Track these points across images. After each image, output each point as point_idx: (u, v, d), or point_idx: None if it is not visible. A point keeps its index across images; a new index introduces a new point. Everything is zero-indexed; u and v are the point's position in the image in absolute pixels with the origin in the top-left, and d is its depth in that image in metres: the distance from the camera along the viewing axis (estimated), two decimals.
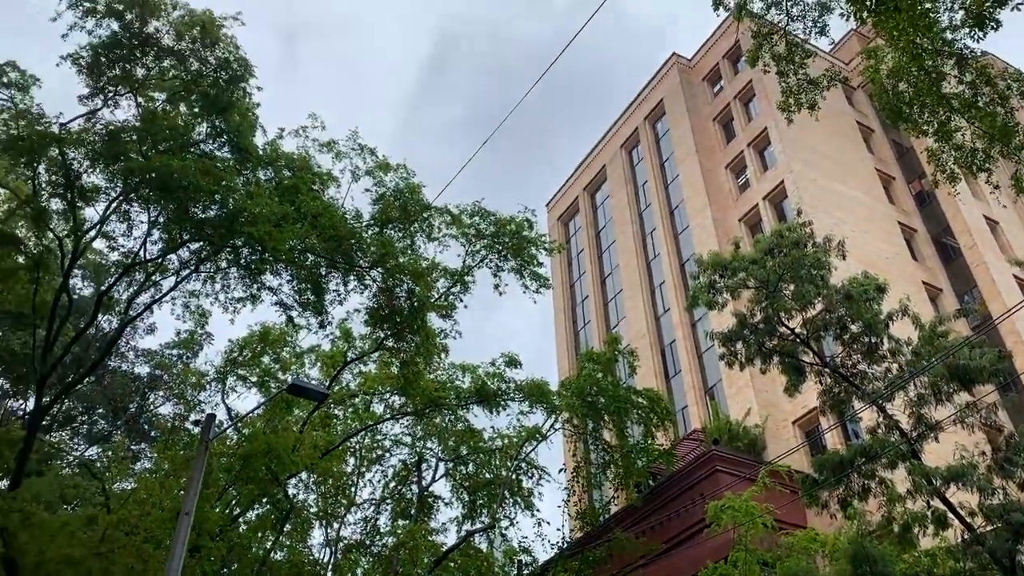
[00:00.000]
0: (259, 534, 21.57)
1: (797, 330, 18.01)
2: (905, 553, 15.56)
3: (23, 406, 25.23)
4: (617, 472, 23.70)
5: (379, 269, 18.66)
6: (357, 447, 24.76)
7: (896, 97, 12.80)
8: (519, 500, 23.45)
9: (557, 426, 24.70)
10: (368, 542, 23.64)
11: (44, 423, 20.04)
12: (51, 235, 18.97)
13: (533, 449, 24.49)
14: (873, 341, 17.47)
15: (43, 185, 17.86)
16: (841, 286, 17.87)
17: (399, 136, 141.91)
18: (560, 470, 25.19)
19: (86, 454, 25.66)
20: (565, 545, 23.05)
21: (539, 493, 24.10)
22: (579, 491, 23.51)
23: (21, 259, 18.88)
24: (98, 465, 23.39)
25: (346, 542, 23.29)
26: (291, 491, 21.47)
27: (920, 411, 16.48)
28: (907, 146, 40.69)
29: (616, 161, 48.17)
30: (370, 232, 19.23)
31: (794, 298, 17.96)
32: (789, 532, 18.30)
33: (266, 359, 23.87)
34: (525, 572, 23.04)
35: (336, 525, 22.97)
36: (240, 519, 21.04)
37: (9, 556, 14.57)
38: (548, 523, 27.33)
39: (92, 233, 18.73)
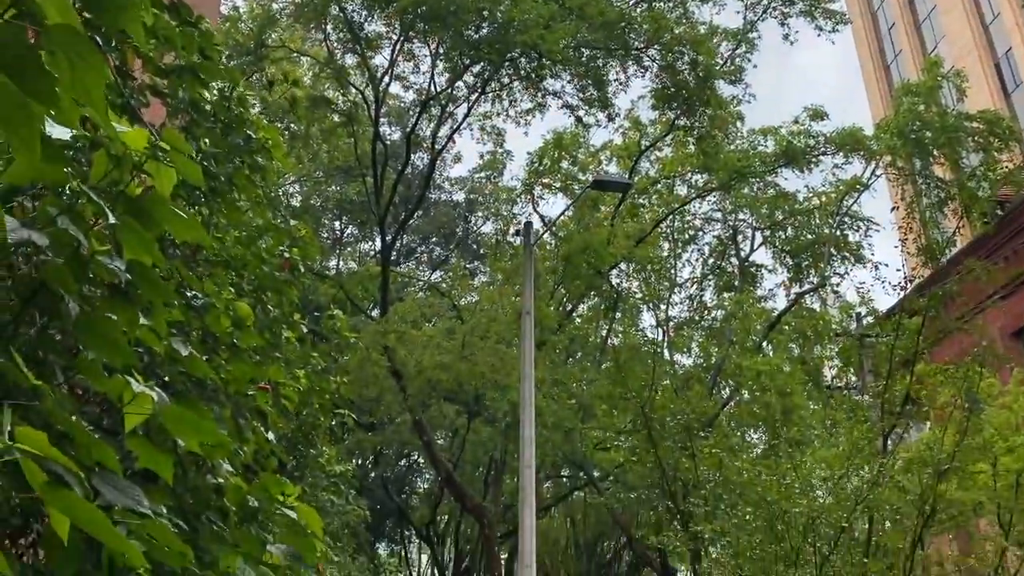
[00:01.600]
0: (593, 324, 23.13)
1: None
2: None
3: (372, 246, 28.75)
4: (956, 207, 21.55)
5: (656, 47, 17.90)
6: (668, 231, 25.02)
7: None
8: (847, 255, 22.47)
9: (879, 172, 22.87)
10: (697, 318, 24.31)
11: (392, 257, 22.66)
12: (353, 90, 20.67)
13: (855, 201, 23.07)
14: None
15: (335, 45, 19.27)
16: None
17: None
18: (892, 209, 23.40)
19: (432, 278, 28.83)
20: (909, 285, 21.75)
21: (868, 245, 22.88)
22: (916, 228, 21.81)
23: (336, 117, 20.84)
24: (444, 285, 26.29)
25: (676, 321, 24.14)
26: (614, 281, 22.49)
27: None
28: None
29: None
30: (639, 9, 18.40)
31: None
32: None
33: (564, 164, 24.52)
34: (866, 322, 22.34)
35: (663, 306, 23.79)
36: (573, 313, 22.64)
37: (394, 368, 17.19)
38: (886, 265, 25.78)
39: (386, 79, 20.04)
